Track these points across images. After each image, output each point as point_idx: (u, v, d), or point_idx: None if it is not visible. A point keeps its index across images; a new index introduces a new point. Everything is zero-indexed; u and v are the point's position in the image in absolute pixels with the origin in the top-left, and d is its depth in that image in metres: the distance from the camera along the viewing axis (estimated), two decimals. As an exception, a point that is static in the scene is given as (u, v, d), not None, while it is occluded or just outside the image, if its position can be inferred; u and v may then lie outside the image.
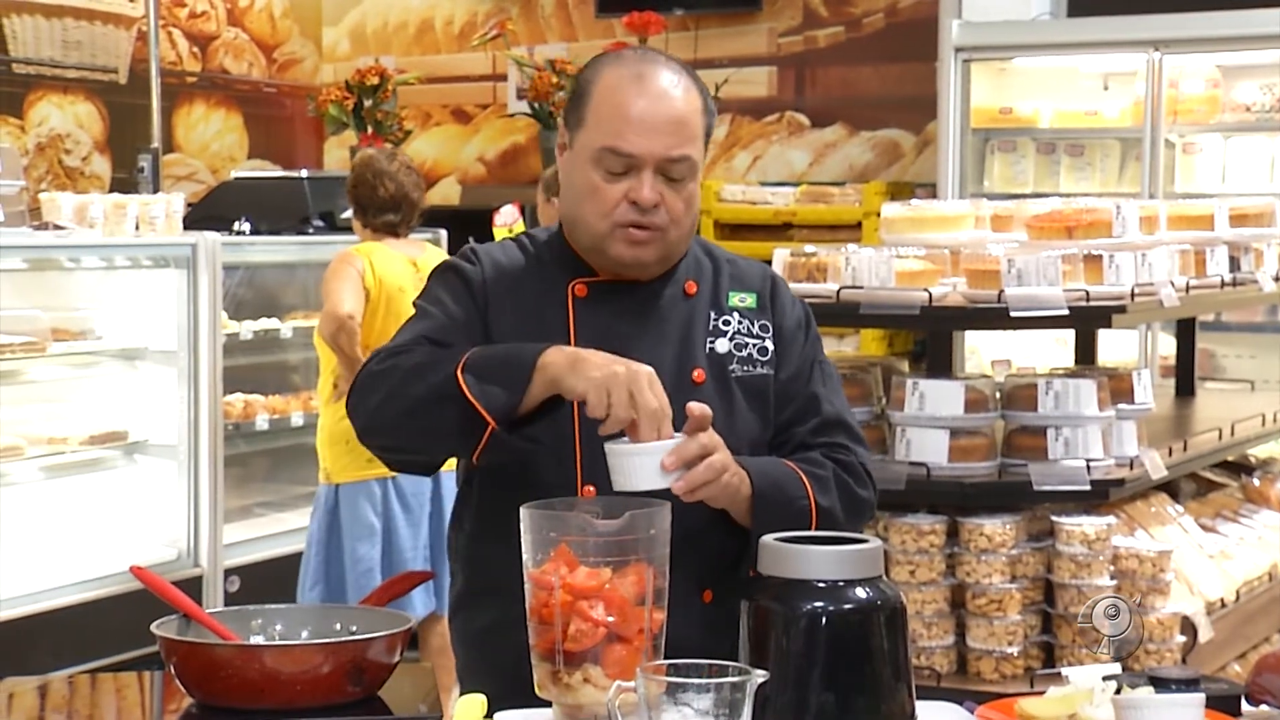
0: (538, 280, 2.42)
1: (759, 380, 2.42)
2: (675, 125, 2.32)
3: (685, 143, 2.33)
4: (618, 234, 2.34)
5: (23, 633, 5.26)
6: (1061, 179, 7.25)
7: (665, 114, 2.32)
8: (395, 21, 9.32)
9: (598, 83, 2.36)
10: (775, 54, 8.26)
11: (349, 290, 5.10)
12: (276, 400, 6.43)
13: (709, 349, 2.42)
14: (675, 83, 2.34)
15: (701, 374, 2.40)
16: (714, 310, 2.45)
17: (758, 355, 2.44)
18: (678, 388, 2.34)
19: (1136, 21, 6.73)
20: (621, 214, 2.33)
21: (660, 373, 2.31)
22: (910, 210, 4.24)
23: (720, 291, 2.46)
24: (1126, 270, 3.78)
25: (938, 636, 3.67)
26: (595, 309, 2.39)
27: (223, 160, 8.82)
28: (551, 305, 2.39)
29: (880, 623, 1.94)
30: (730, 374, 2.41)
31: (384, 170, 5.28)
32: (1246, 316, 7.00)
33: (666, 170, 2.32)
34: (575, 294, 2.40)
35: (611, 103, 2.33)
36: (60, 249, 5.60)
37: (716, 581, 2.33)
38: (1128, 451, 3.83)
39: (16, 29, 7.78)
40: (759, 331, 2.45)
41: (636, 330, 2.39)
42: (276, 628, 2.26)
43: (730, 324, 2.44)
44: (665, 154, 2.31)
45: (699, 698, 1.78)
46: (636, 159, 2.31)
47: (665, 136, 2.31)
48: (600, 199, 2.33)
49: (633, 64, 2.36)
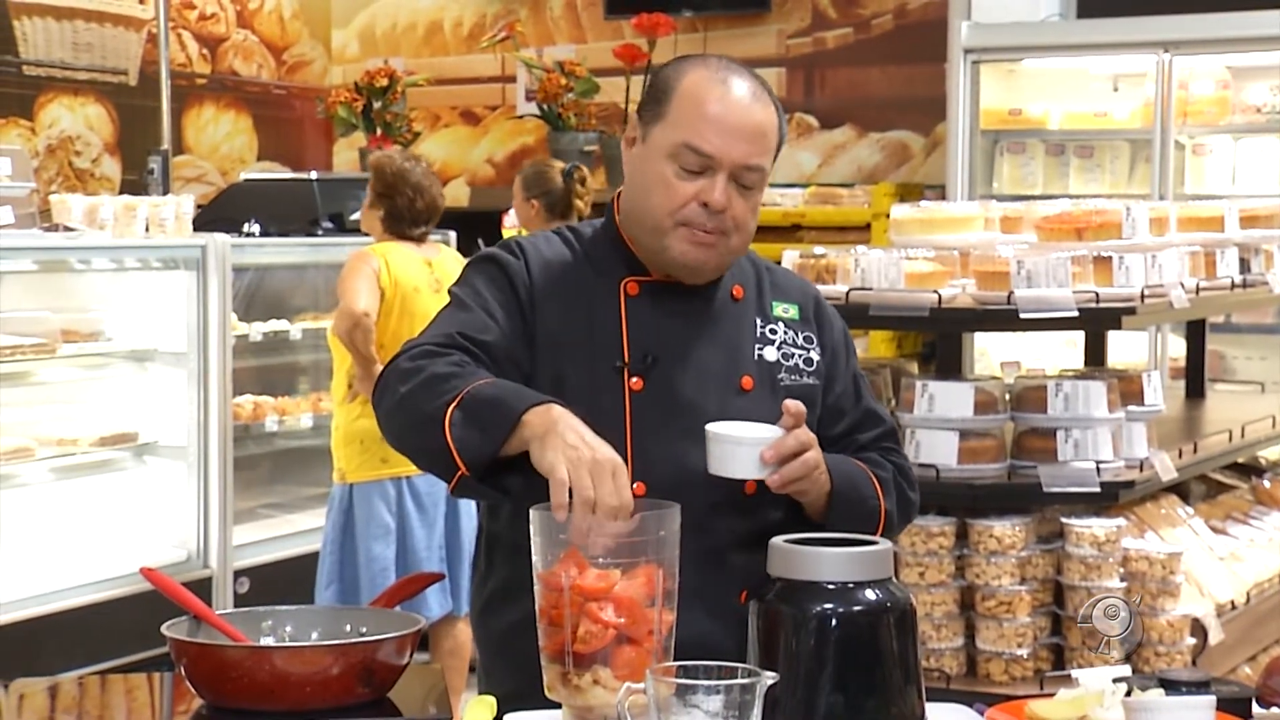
0: (587, 275, 2.40)
1: (806, 390, 2.41)
2: (755, 134, 2.33)
3: (762, 153, 2.34)
4: (681, 232, 2.33)
5: (33, 634, 5.26)
6: (1071, 180, 7.24)
7: (747, 121, 2.32)
8: (404, 23, 9.32)
9: (683, 80, 2.35)
10: (784, 55, 8.26)
11: (365, 288, 5.11)
12: (286, 402, 6.44)
13: (758, 356, 2.41)
14: (758, 94, 2.35)
15: (750, 380, 2.39)
16: (760, 317, 2.44)
17: (804, 365, 2.44)
18: (726, 393, 2.36)
19: (1146, 23, 6.73)
20: (689, 213, 2.32)
21: (709, 378, 2.35)
22: (919, 212, 4.24)
23: (764, 298, 2.46)
24: (1136, 272, 3.78)
25: (947, 638, 3.67)
26: (647, 308, 2.38)
27: (232, 162, 8.83)
28: (603, 302, 2.38)
29: (890, 625, 1.94)
30: (779, 382, 2.40)
31: (420, 185, 5.31)
32: (1257, 318, 6.99)
33: (739, 177, 2.32)
34: (627, 292, 2.39)
35: (696, 100, 2.33)
36: (70, 250, 5.61)
37: (755, 587, 2.33)
38: (1138, 453, 3.82)
39: (27, 31, 7.79)
40: (803, 343, 2.45)
41: (687, 332, 2.38)
42: (286, 629, 2.26)
43: (777, 333, 2.44)
44: (743, 160, 2.31)
45: (709, 699, 1.78)
46: (714, 160, 2.31)
47: (745, 143, 2.32)
48: (671, 194, 2.32)
49: (719, 69, 2.36)
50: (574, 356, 2.35)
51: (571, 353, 2.36)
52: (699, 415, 2.31)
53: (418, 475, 5.26)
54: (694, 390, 2.35)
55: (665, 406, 2.34)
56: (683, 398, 2.35)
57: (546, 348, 2.36)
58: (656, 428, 2.33)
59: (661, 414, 2.34)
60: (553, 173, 5.90)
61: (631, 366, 2.35)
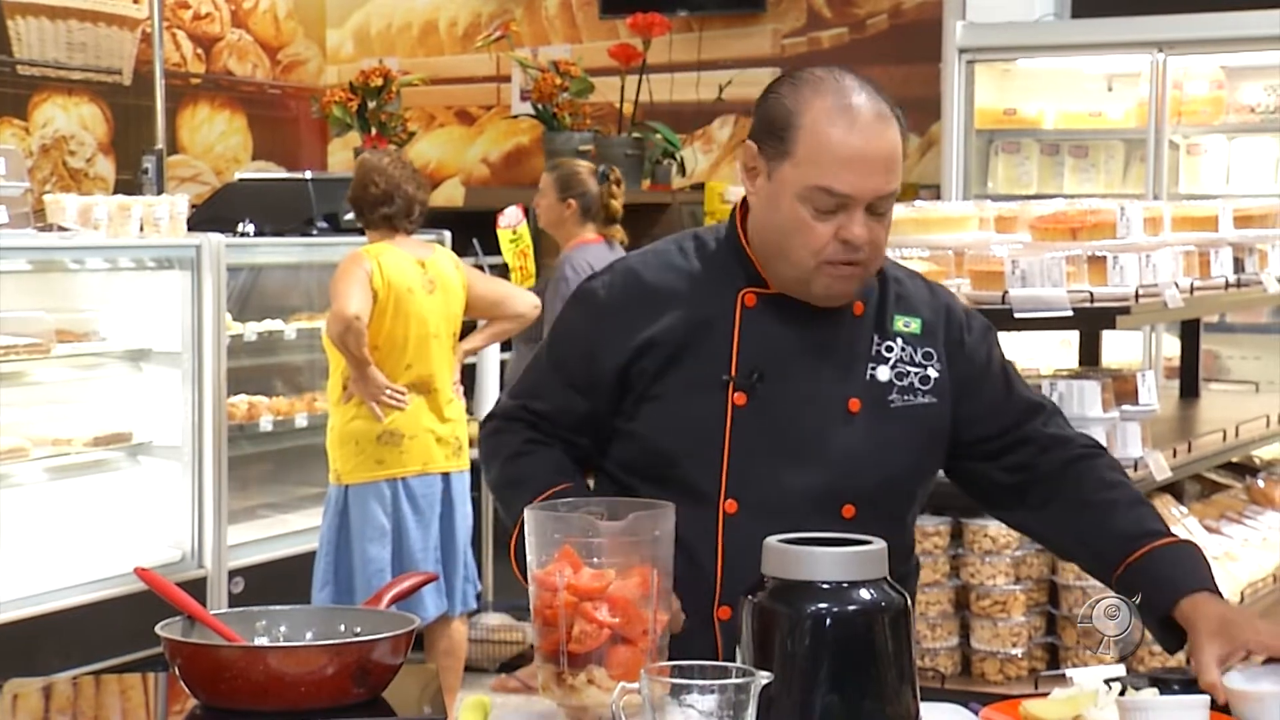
0: (706, 284, 2.38)
1: (920, 410, 2.37)
2: (887, 162, 2.26)
3: (895, 179, 2.28)
4: (825, 270, 2.29)
5: (27, 634, 5.26)
6: (1065, 180, 7.25)
7: (879, 152, 2.26)
8: (399, 23, 9.32)
9: (805, 113, 2.27)
10: (779, 55, 8.26)
11: (357, 291, 5.10)
12: (281, 402, 6.43)
13: (870, 375, 2.37)
14: (883, 114, 2.28)
15: (857, 403, 2.35)
16: (878, 334, 2.39)
17: (919, 385, 2.38)
18: (830, 414, 2.33)
19: (1140, 23, 6.73)
20: (832, 252, 2.27)
21: (816, 398, 2.32)
22: (914, 211, 4.24)
23: (885, 313, 2.40)
24: (1131, 271, 3.78)
25: (942, 638, 3.67)
26: (762, 320, 2.35)
27: (227, 162, 8.82)
28: (719, 311, 2.36)
29: (885, 624, 1.94)
30: (889, 403, 2.36)
31: (375, 166, 5.30)
32: (1251, 318, 7.00)
33: (875, 206, 2.27)
34: (745, 303, 2.37)
35: (823, 139, 2.25)
36: (65, 250, 5.60)
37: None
38: (1132, 453, 3.83)
39: (21, 30, 7.78)
40: (921, 360, 2.39)
41: (800, 348, 2.35)
42: (281, 629, 2.26)
43: (893, 350, 2.39)
44: (877, 192, 2.26)
45: (703, 699, 1.78)
46: (851, 198, 2.25)
47: (879, 175, 2.25)
48: (811, 237, 2.27)
49: (838, 94, 2.28)
50: (682, 365, 2.34)
51: (677, 362, 2.35)
52: (799, 436, 2.31)
53: (413, 476, 5.26)
54: (797, 410, 2.33)
55: (766, 425, 2.32)
56: (785, 417, 2.32)
57: (646, 359, 2.35)
58: (755, 445, 2.31)
59: (761, 432, 2.32)
60: (585, 174, 5.92)
61: (738, 381, 2.33)
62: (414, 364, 5.24)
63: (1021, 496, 2.45)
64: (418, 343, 5.24)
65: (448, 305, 5.35)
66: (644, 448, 2.36)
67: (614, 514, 2.05)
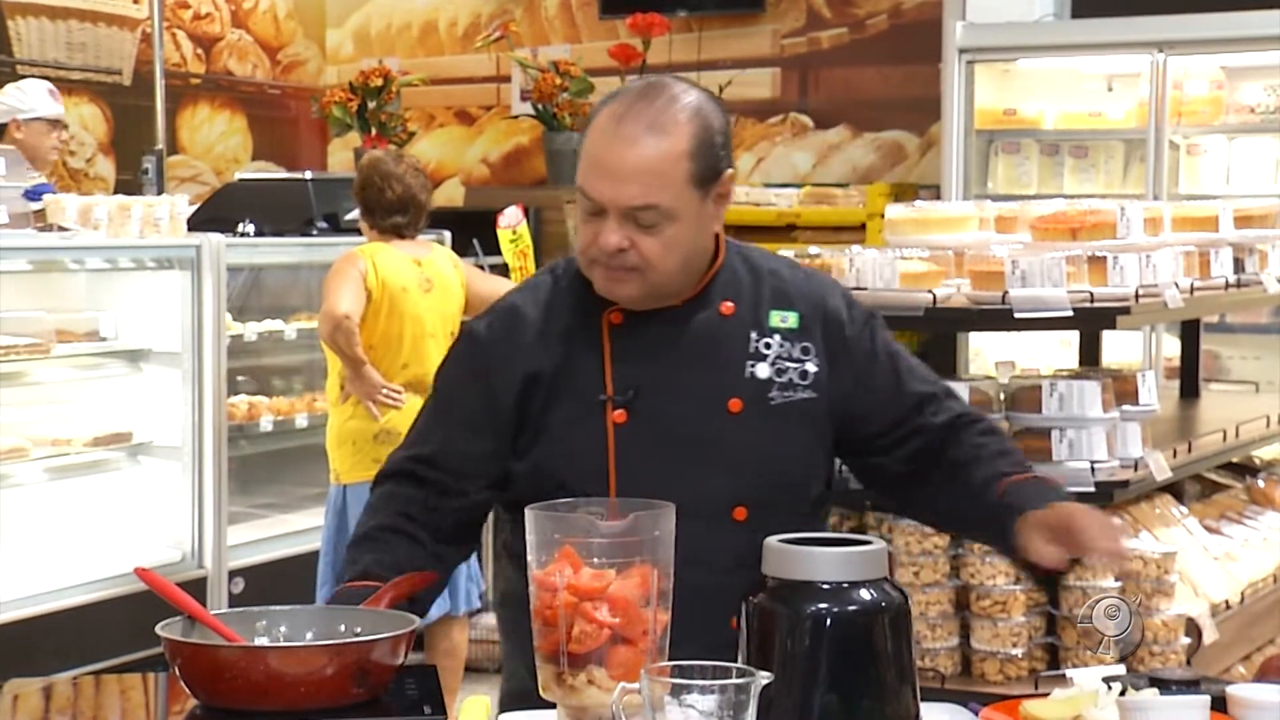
0: (570, 313, 2.39)
1: (800, 405, 2.37)
2: (639, 174, 2.25)
3: (652, 192, 2.25)
4: (596, 269, 2.33)
5: (27, 634, 5.26)
6: (1065, 180, 7.25)
7: (631, 163, 2.25)
8: (399, 23, 9.32)
9: (595, 117, 2.32)
10: (779, 55, 8.26)
11: (348, 291, 5.10)
12: (281, 402, 6.43)
13: (749, 374, 2.37)
14: (657, 125, 2.26)
15: (738, 403, 2.35)
16: (755, 330, 2.39)
17: (798, 380, 2.38)
18: (712, 418, 2.34)
19: (1140, 23, 6.73)
20: (595, 253, 2.31)
21: (696, 403, 2.33)
22: (914, 212, 4.24)
23: (761, 309, 2.40)
24: (1131, 272, 3.78)
25: (942, 638, 3.67)
26: (631, 336, 2.36)
27: (227, 162, 8.83)
28: (588, 335, 2.37)
29: (885, 625, 1.94)
30: (770, 400, 2.36)
31: (391, 172, 5.28)
32: (1251, 318, 6.99)
33: (635, 217, 2.27)
34: (610, 322, 2.38)
35: (589, 143, 2.30)
36: (65, 250, 5.60)
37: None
38: (1132, 453, 3.83)
39: (21, 30, 7.78)
40: (800, 354, 2.39)
41: (674, 357, 2.36)
42: (281, 629, 2.26)
43: (771, 347, 2.38)
44: (628, 203, 2.26)
45: (703, 699, 1.78)
46: (601, 205, 2.28)
47: (626, 185, 2.25)
48: (581, 236, 2.33)
49: (622, 105, 2.29)
50: (558, 395, 2.36)
51: (556, 391, 2.36)
52: (683, 445, 2.32)
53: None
54: (679, 418, 2.34)
55: (649, 438, 2.33)
56: (667, 428, 2.33)
57: (532, 394, 2.36)
58: (640, 460, 2.32)
59: (645, 446, 2.33)
60: None
61: (615, 400, 2.34)
62: (410, 363, 5.24)
63: (916, 484, 2.46)
64: (414, 342, 5.25)
65: (445, 304, 5.35)
66: (536, 480, 2.34)
67: (614, 514, 2.05)
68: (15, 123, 6.61)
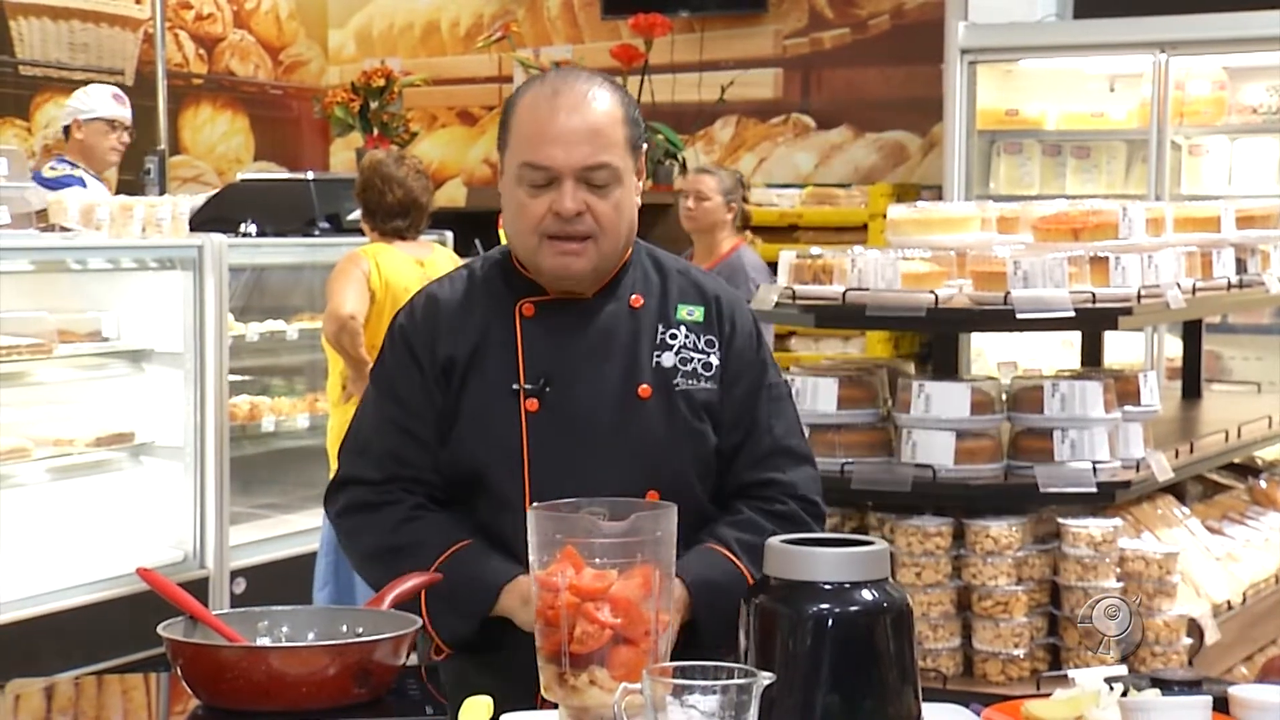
0: (485, 305, 2.46)
1: (703, 394, 2.44)
2: (590, 134, 2.36)
3: (602, 150, 2.36)
4: (546, 246, 2.38)
5: (29, 634, 5.25)
6: (1067, 181, 7.25)
7: (579, 124, 2.35)
8: (401, 23, 9.33)
9: (518, 103, 2.41)
10: (781, 56, 8.26)
11: (353, 291, 5.11)
12: (282, 402, 6.43)
13: (655, 363, 2.44)
14: (591, 94, 2.38)
15: (647, 389, 2.42)
16: (661, 323, 2.47)
17: (702, 370, 2.45)
18: (623, 405, 2.40)
19: (1142, 23, 6.73)
20: (547, 226, 2.37)
21: (606, 391, 2.39)
22: (916, 212, 4.24)
23: (668, 304, 2.48)
24: (1133, 272, 3.78)
25: (944, 639, 3.67)
26: (543, 327, 2.43)
27: (229, 162, 8.83)
28: (500, 327, 2.44)
29: (886, 625, 1.94)
30: (674, 388, 2.43)
31: (392, 175, 5.29)
32: (1253, 318, 7.00)
33: (588, 179, 2.36)
34: (523, 314, 2.44)
35: (529, 120, 2.37)
36: (67, 251, 5.60)
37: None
38: (1134, 453, 3.83)
39: (23, 31, 7.79)
40: (704, 346, 2.46)
41: (585, 347, 2.42)
42: (283, 629, 2.26)
43: (677, 337, 2.46)
44: (582, 162, 2.35)
45: (705, 699, 1.78)
46: (555, 170, 2.35)
47: (580, 145, 2.35)
48: (527, 215, 2.37)
49: (550, 82, 2.41)
50: (472, 385, 2.42)
51: (470, 382, 2.42)
52: (596, 430, 2.38)
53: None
54: (590, 406, 2.40)
55: (561, 426, 2.39)
56: (578, 416, 2.39)
57: (449, 379, 2.43)
58: (552, 448, 2.38)
59: (558, 434, 2.38)
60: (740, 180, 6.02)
61: (527, 389, 2.40)
62: (412, 364, 5.24)
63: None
64: (415, 342, 5.24)
65: (447, 305, 5.34)
66: (456, 467, 2.42)
67: (616, 514, 2.05)
68: (76, 123, 6.66)
